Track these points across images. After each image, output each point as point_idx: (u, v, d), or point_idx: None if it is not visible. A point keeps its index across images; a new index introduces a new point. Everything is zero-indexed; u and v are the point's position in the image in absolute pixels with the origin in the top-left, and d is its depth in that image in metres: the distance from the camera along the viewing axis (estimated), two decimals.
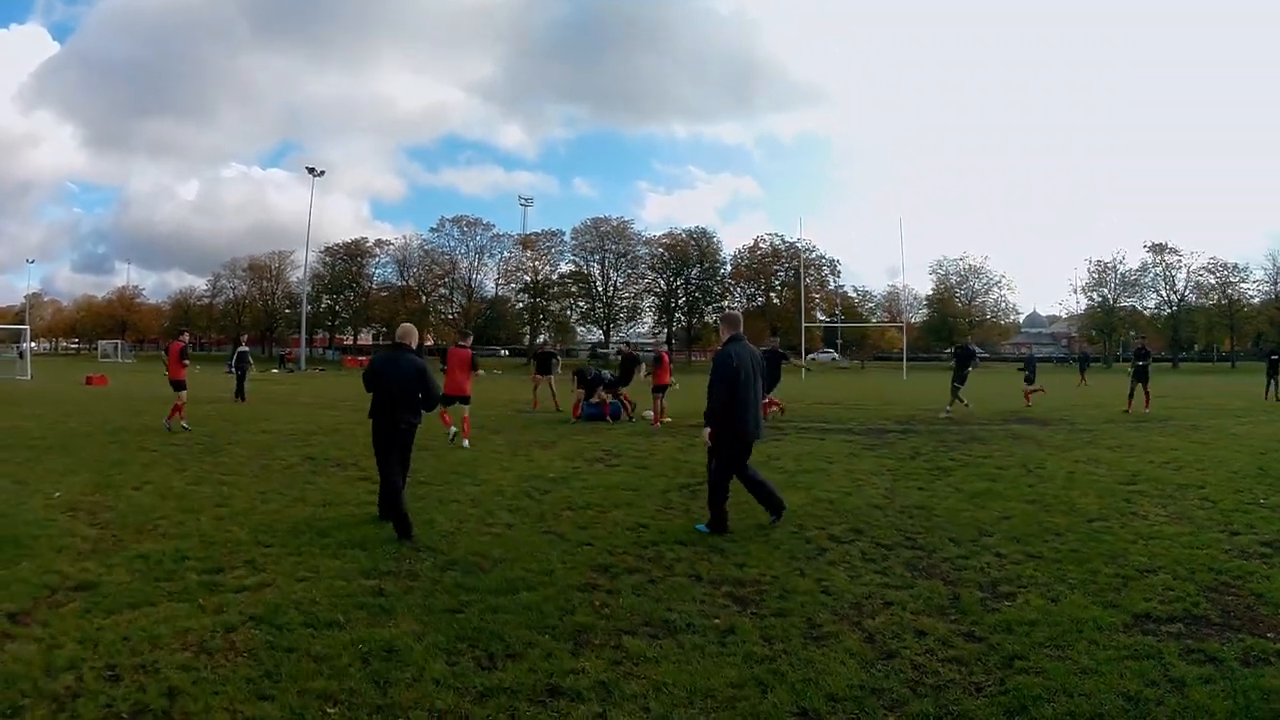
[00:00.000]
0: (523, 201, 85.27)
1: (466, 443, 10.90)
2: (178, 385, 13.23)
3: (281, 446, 11.02)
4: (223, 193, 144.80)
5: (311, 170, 52.06)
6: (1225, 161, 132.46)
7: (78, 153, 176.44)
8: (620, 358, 18.42)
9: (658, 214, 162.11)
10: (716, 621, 4.11)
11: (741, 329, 6.41)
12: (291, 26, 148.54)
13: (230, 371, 21.72)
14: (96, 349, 74.83)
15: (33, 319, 77.70)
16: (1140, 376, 16.44)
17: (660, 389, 14.79)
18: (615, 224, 75.20)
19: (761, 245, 74.33)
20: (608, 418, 14.84)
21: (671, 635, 3.93)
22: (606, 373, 15.75)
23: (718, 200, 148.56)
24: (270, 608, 4.22)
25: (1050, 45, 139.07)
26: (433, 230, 78.42)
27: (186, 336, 14.70)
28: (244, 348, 21.65)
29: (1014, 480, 8.33)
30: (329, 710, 3.16)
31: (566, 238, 75.72)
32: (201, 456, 9.98)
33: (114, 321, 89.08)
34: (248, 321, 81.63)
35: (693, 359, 74.81)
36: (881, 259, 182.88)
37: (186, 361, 13.50)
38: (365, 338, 79.39)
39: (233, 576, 4.80)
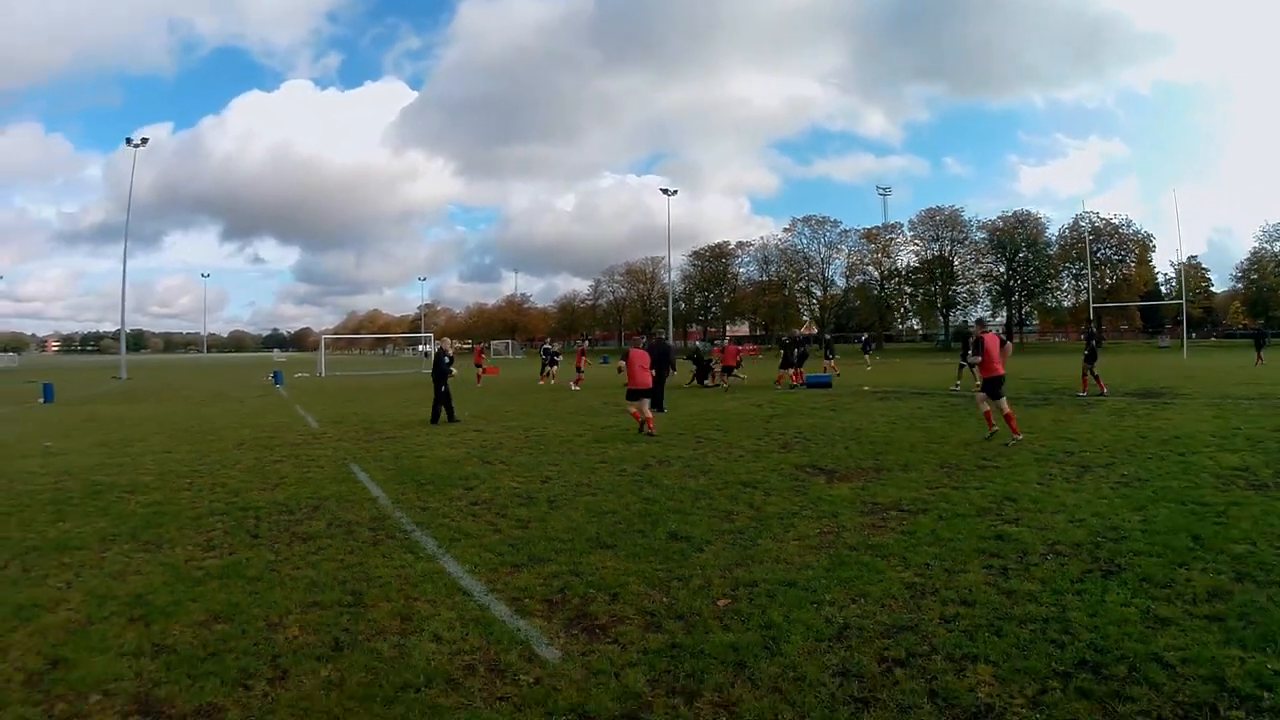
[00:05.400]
0: (880, 191, 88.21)
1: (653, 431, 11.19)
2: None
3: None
4: (599, 202, 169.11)
5: (665, 190, 60.67)
6: None
7: (452, 181, 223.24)
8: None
9: (1033, 186, 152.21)
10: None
11: (447, 347, 14.53)
12: (637, 49, 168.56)
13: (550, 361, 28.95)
14: (489, 348, 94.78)
15: (426, 325, 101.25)
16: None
17: (728, 369, 21.40)
18: (948, 213, 76.04)
19: (1080, 224, 67.39)
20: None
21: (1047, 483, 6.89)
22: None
23: (1090, 166, 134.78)
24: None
25: None
26: (785, 230, 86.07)
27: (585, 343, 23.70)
28: (548, 345, 30.14)
29: None
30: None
31: (905, 229, 78.36)
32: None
33: (504, 325, 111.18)
34: (627, 320, 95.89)
35: (1024, 340, 70.97)
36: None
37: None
38: (743, 329, 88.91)
39: None
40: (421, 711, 2.88)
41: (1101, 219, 67.98)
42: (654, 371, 13.09)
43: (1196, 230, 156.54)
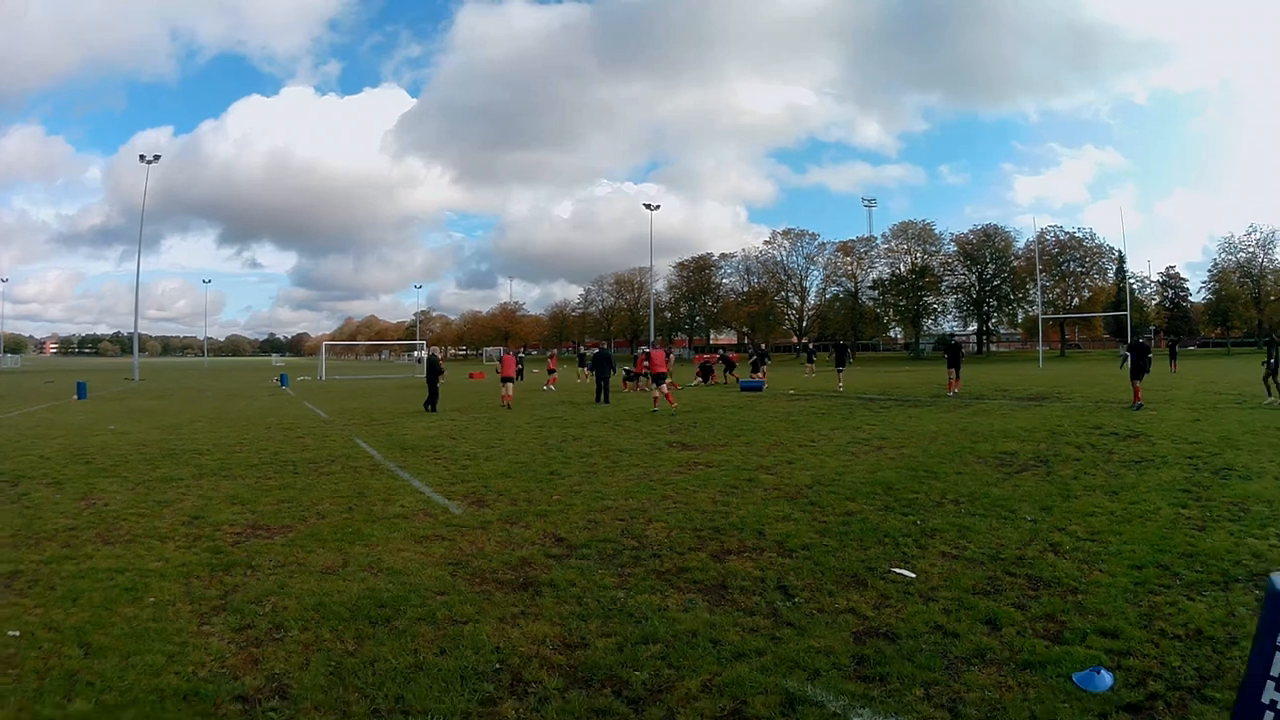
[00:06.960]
0: (866, 203, 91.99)
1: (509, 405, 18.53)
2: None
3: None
4: (597, 209, 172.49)
5: (648, 205, 64.32)
6: None
7: (451, 188, 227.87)
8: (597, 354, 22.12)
9: (1028, 195, 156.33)
10: None
11: (437, 353, 19.56)
12: (636, 56, 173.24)
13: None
14: (481, 354, 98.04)
15: (422, 332, 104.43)
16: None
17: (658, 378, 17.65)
18: (920, 227, 79.81)
19: (1046, 238, 71.38)
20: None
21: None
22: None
23: (1084, 175, 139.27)
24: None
25: None
26: (765, 243, 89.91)
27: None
28: (520, 355, 35.23)
29: None
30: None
31: (879, 242, 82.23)
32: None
33: (496, 332, 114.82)
34: (615, 329, 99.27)
35: (990, 350, 74.66)
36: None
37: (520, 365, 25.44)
38: (729, 338, 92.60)
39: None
40: (389, 524, 6.16)
41: (1065, 233, 71.99)
42: (592, 372, 17.43)
43: (1193, 238, 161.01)
